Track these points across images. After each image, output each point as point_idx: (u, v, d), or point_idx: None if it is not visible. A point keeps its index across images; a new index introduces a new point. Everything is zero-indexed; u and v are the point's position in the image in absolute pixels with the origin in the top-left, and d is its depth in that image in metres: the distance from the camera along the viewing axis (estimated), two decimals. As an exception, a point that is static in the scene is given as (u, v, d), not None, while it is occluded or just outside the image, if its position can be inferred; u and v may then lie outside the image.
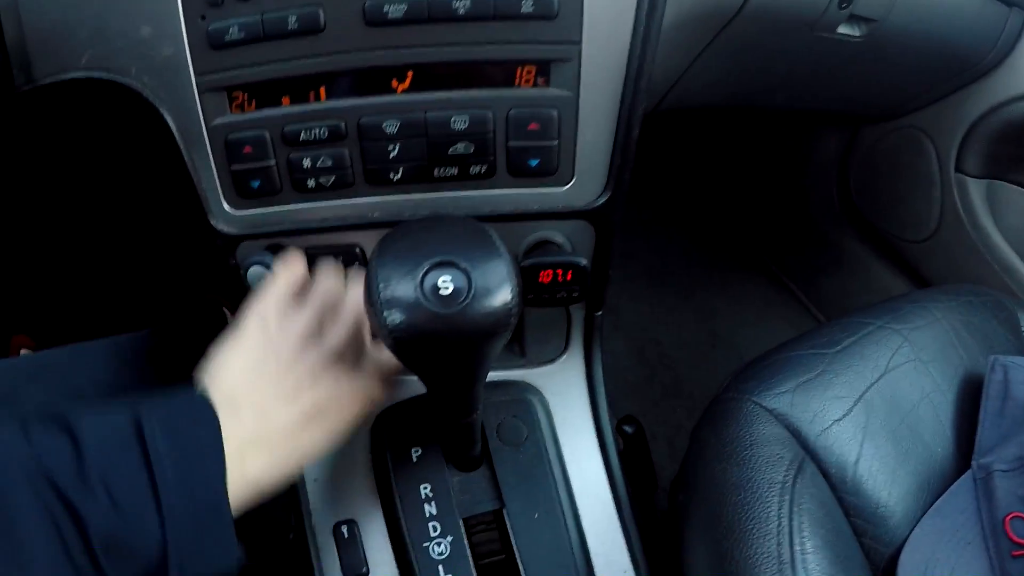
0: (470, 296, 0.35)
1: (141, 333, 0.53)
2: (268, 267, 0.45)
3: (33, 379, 0.50)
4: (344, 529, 0.48)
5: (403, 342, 0.32)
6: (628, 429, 0.53)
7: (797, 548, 0.43)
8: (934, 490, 0.50)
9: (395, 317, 0.32)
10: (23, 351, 0.79)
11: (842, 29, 0.56)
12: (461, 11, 0.41)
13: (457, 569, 0.45)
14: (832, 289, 0.89)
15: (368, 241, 0.47)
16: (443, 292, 0.36)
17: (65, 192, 0.76)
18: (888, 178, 0.75)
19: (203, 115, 0.44)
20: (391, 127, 0.43)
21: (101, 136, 0.63)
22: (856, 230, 0.83)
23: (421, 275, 0.36)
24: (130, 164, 0.73)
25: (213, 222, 0.46)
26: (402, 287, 0.33)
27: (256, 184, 0.45)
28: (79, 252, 0.89)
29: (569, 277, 0.44)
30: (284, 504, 0.73)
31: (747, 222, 1.00)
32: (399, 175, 0.44)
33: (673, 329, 0.88)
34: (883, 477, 0.49)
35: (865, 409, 0.50)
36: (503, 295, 0.36)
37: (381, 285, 0.33)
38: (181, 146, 0.45)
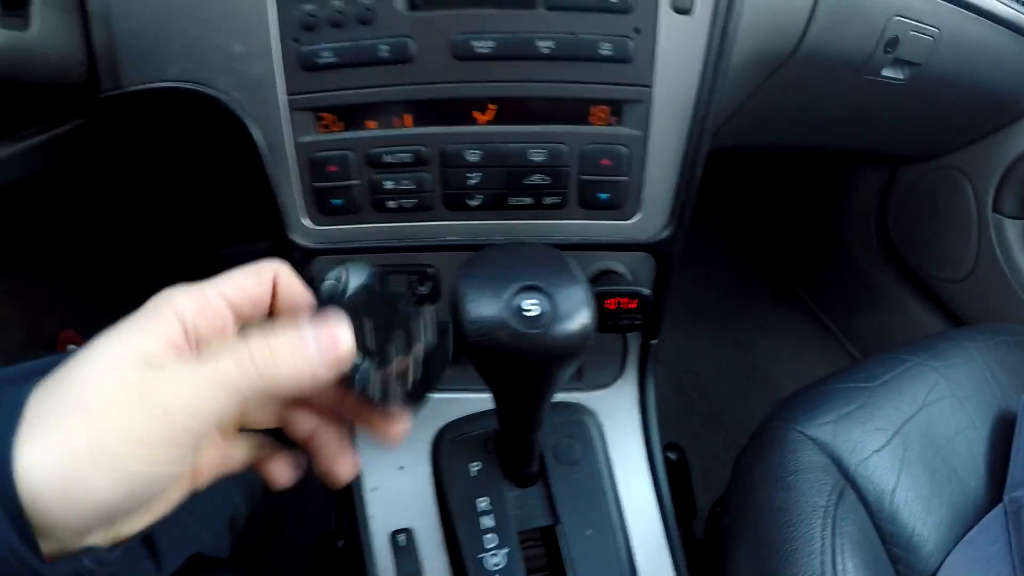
0: (553, 319, 0.37)
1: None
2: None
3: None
4: (401, 537, 0.49)
5: (488, 359, 0.34)
6: (672, 456, 0.55)
7: (839, 567, 0.45)
8: (966, 522, 0.53)
9: (480, 336, 0.34)
10: (70, 347, 0.80)
11: (886, 72, 0.59)
12: (544, 50, 0.43)
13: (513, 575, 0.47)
14: (868, 326, 0.91)
15: (441, 262, 0.49)
16: (528, 314, 0.38)
17: (132, 192, 0.78)
18: (926, 217, 0.78)
19: (290, 133, 0.46)
20: (472, 156, 0.45)
21: (177, 142, 0.65)
22: (893, 268, 0.86)
23: (508, 297, 0.38)
24: (205, 173, 0.75)
25: (291, 235, 0.48)
26: (490, 307, 0.35)
27: (337, 202, 0.47)
28: (136, 251, 0.90)
29: (633, 305, 0.47)
30: (326, 513, 0.75)
31: (785, 257, 1.02)
32: (477, 202, 0.46)
33: (711, 360, 0.91)
34: (918, 507, 0.51)
35: (903, 441, 0.52)
36: (582, 319, 0.38)
37: (469, 304, 0.35)
38: (265, 161, 0.47)
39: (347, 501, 0.52)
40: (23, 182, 0.58)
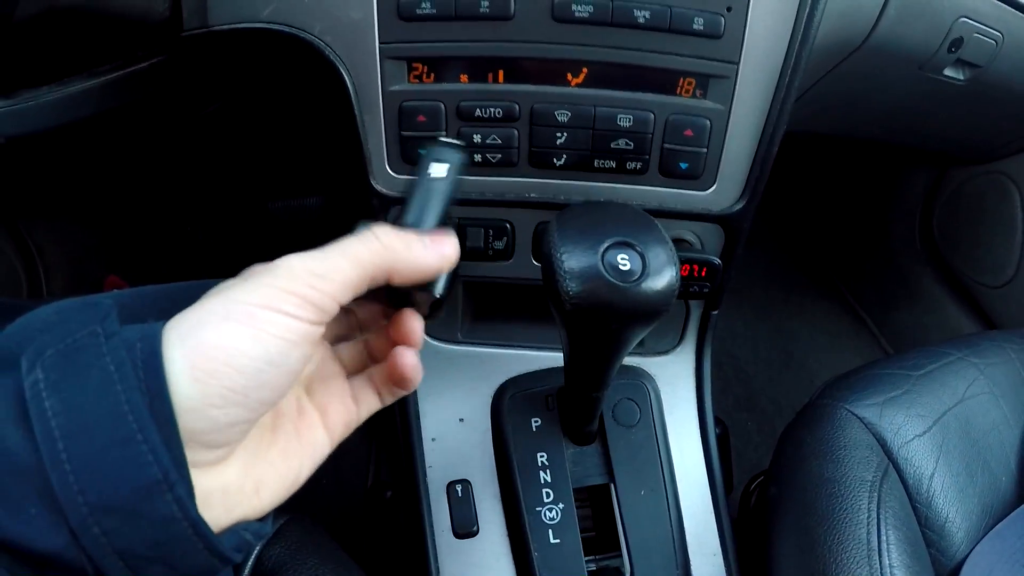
0: (644, 274, 0.39)
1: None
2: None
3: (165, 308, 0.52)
4: (458, 488, 0.50)
5: (580, 309, 0.36)
6: (717, 430, 0.57)
7: (883, 538, 0.47)
8: (996, 514, 0.54)
9: (575, 286, 0.35)
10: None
11: (948, 72, 0.61)
12: (640, 20, 0.45)
13: (566, 535, 0.48)
14: (904, 323, 0.93)
15: (519, 219, 0.50)
16: (622, 268, 0.39)
17: (195, 137, 0.78)
18: (971, 221, 0.80)
19: (381, 80, 0.47)
20: (562, 116, 0.46)
21: (252, 88, 0.66)
22: (934, 268, 0.87)
23: (602, 251, 0.39)
24: (271, 123, 0.75)
25: (373, 182, 0.49)
26: (585, 258, 0.36)
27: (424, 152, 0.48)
28: (184, 200, 0.90)
29: (703, 273, 0.48)
30: (364, 470, 0.76)
31: (828, 250, 1.04)
32: (562, 161, 0.47)
33: (748, 345, 0.93)
34: (953, 494, 0.53)
35: (942, 430, 0.54)
36: (670, 276, 0.40)
37: (565, 255, 0.36)
38: (355, 106, 0.47)
39: (403, 451, 0.53)
40: (91, 119, 0.58)
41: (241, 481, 0.26)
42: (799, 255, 1.03)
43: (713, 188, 0.49)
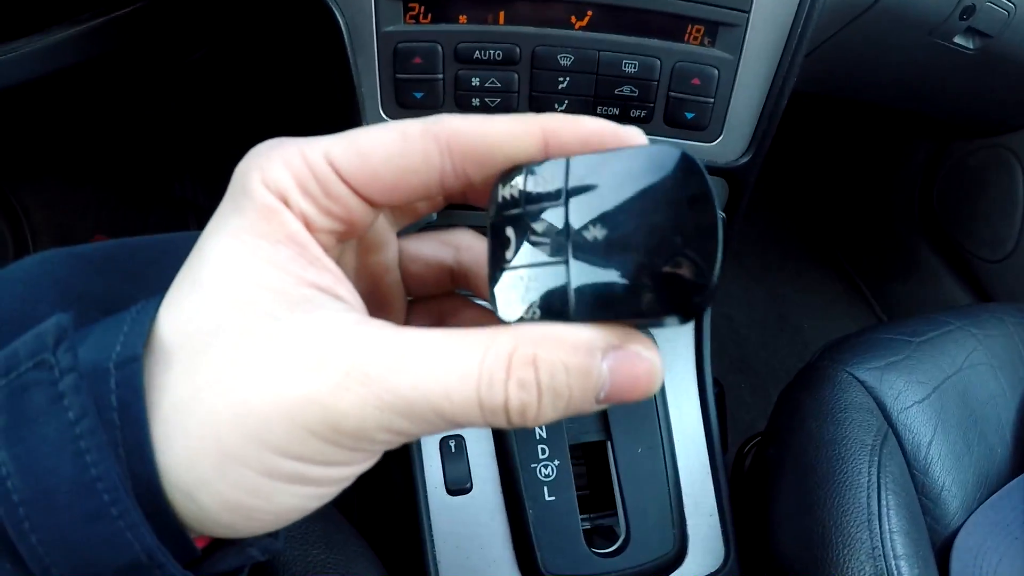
0: None
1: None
2: None
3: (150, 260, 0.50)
4: (451, 444, 0.49)
5: None
6: (714, 389, 0.56)
7: (884, 503, 0.46)
8: (990, 485, 0.54)
9: None
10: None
11: (958, 39, 0.59)
12: (650, -41, 0.43)
13: (561, 492, 0.47)
14: (899, 294, 0.93)
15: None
16: None
17: (181, 86, 0.75)
18: (972, 194, 0.79)
19: (376, 21, 0.45)
20: (565, 59, 0.45)
21: (238, 32, 0.63)
22: (931, 240, 0.87)
23: None
24: (258, 71, 0.72)
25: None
26: None
27: (419, 95, 0.46)
28: (172, 154, 0.87)
29: (707, 227, 0.47)
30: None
31: (826, 216, 1.03)
32: (563, 107, 0.46)
33: (744, 308, 0.92)
34: (950, 463, 0.52)
35: (940, 398, 0.53)
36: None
37: None
38: (348, 48, 0.45)
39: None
40: (73, 69, 0.56)
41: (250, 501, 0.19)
42: (797, 221, 1.03)
43: (719, 140, 0.48)
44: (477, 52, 0.45)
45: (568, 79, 0.45)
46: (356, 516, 0.47)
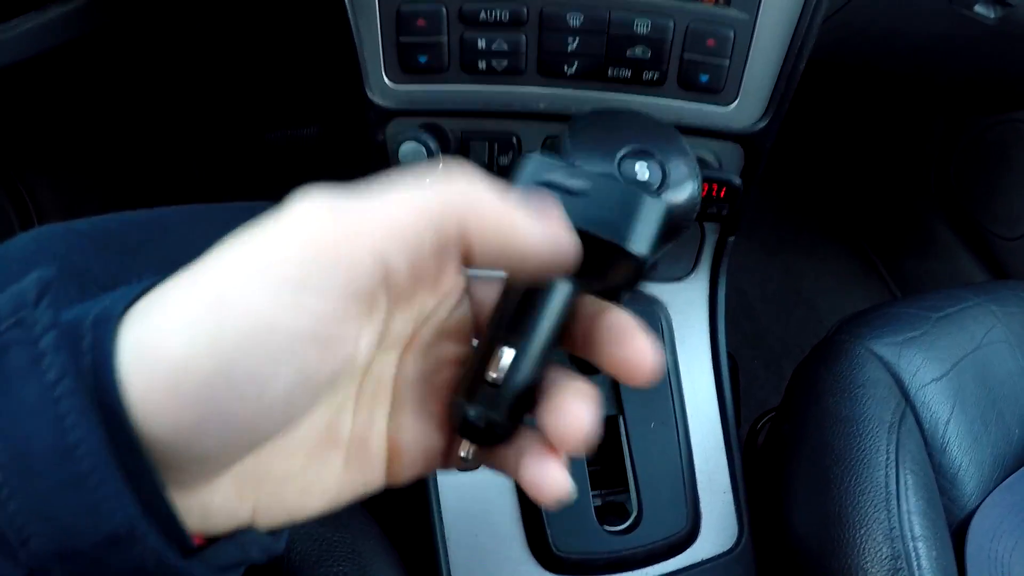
0: (664, 186, 0.36)
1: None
2: (425, 146, 0.44)
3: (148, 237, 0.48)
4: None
5: None
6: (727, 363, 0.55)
7: (902, 483, 0.45)
8: (1007, 467, 0.53)
9: None
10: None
11: (978, 8, 0.57)
12: (663, -85, 0.41)
13: (572, 467, 0.46)
14: (914, 270, 0.91)
15: (526, 132, 0.46)
16: (640, 178, 0.36)
17: (182, 62, 0.74)
18: (989, 170, 0.77)
19: (377, -18, 0.43)
20: (574, 20, 0.43)
21: (236, 6, 0.62)
22: (948, 216, 0.85)
23: (618, 159, 0.36)
24: (259, 47, 0.71)
25: (369, 94, 0.46)
26: (599, 168, 0.33)
27: (423, 59, 0.44)
28: (178, 135, 0.86)
29: (722, 194, 0.45)
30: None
31: (842, 191, 1.02)
32: (573, 69, 0.44)
33: (758, 282, 0.91)
34: (967, 443, 0.51)
35: (959, 376, 0.52)
36: (691, 189, 0.37)
37: (577, 162, 0.33)
38: (349, 11, 0.44)
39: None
40: (72, 44, 0.55)
41: (232, 505, 0.19)
42: (812, 195, 1.02)
43: (735, 104, 0.46)
44: (483, 12, 0.43)
45: (578, 39, 0.43)
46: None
